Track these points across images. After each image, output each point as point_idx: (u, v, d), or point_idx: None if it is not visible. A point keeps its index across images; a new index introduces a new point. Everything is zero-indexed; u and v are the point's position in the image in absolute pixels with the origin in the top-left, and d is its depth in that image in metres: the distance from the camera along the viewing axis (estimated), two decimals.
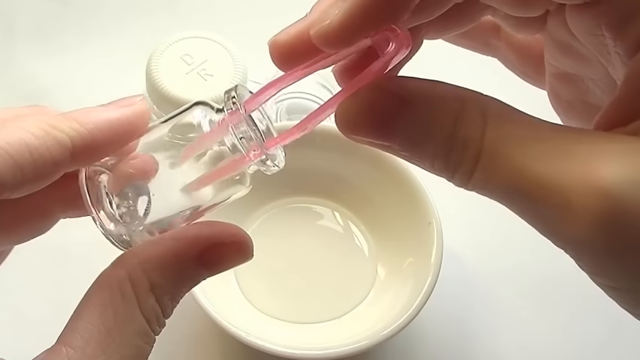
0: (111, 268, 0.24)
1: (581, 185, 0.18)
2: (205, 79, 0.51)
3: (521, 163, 0.19)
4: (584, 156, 0.19)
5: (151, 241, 0.25)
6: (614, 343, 0.49)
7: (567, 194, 0.18)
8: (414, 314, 0.42)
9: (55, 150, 0.23)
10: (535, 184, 0.19)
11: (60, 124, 0.23)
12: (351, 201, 0.50)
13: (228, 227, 0.25)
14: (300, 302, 0.47)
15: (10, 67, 0.57)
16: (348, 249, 0.49)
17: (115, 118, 0.24)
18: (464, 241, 0.50)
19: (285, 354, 0.40)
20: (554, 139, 0.19)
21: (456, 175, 0.21)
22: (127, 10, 0.61)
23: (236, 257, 0.25)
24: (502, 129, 0.20)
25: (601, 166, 0.18)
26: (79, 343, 0.22)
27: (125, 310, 0.23)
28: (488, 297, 0.50)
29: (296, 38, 0.23)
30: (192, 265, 0.24)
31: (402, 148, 0.22)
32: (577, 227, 0.18)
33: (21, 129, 0.23)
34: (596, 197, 0.18)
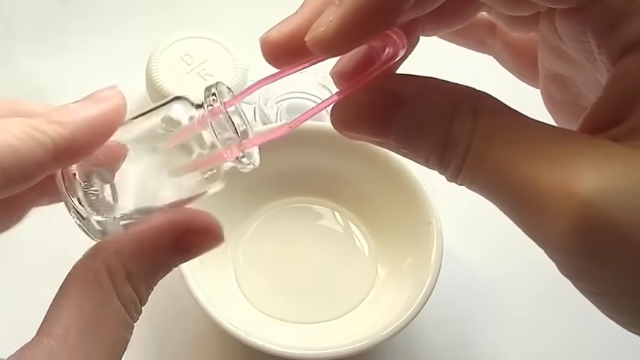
0: (85, 258, 0.24)
1: (558, 191, 0.19)
2: (205, 79, 0.51)
3: (505, 163, 0.20)
4: (565, 160, 0.19)
5: (125, 231, 0.25)
6: (614, 344, 0.49)
7: (546, 198, 0.19)
8: (414, 314, 0.42)
9: (39, 152, 0.23)
10: (517, 185, 0.20)
11: (41, 126, 0.23)
12: (351, 201, 0.50)
13: (197, 213, 0.25)
14: (300, 302, 0.47)
15: (9, 66, 0.57)
16: (348, 249, 0.49)
17: (95, 116, 0.24)
18: (464, 241, 0.50)
19: (285, 354, 0.40)
20: (539, 140, 0.20)
21: (447, 170, 0.22)
22: (127, 10, 0.61)
23: (208, 242, 0.25)
24: (490, 128, 0.21)
25: (579, 173, 0.18)
26: (59, 333, 0.22)
27: (103, 298, 0.23)
28: (488, 297, 0.50)
29: (288, 37, 0.24)
30: (166, 252, 0.25)
31: (397, 144, 0.22)
32: (554, 231, 0.19)
33: (4, 132, 0.22)
34: (572, 203, 0.18)
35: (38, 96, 0.55)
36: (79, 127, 0.24)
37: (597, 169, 0.18)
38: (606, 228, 0.18)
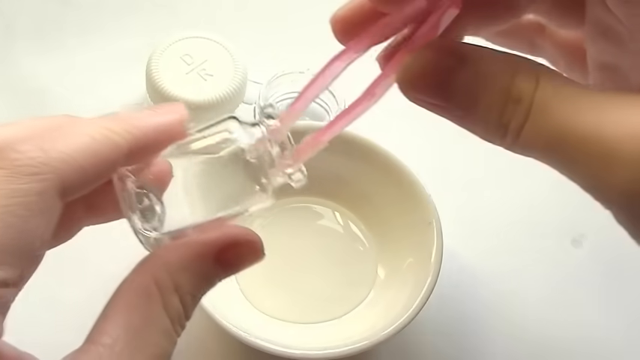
0: (135, 272, 0.25)
1: (625, 134, 0.19)
2: (205, 79, 0.51)
3: (571, 115, 0.20)
4: (629, 109, 0.20)
5: (173, 245, 0.26)
6: (615, 342, 0.49)
7: (613, 145, 0.19)
8: (414, 314, 0.42)
9: (114, 152, 0.24)
10: (583, 134, 0.20)
11: (116, 127, 0.24)
12: (351, 201, 0.50)
13: (239, 229, 0.26)
14: (300, 302, 0.47)
15: (10, 66, 0.57)
16: (348, 249, 0.49)
17: (162, 123, 0.26)
18: (464, 241, 0.50)
19: (285, 354, 0.40)
20: (601, 95, 0.21)
21: (507, 131, 0.22)
22: (127, 9, 0.61)
23: (250, 257, 0.26)
24: (553, 85, 0.21)
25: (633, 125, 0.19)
26: (108, 342, 0.23)
27: (151, 311, 0.24)
28: (488, 297, 0.50)
29: (354, 10, 0.25)
30: (211, 266, 0.26)
31: (458, 105, 0.23)
32: (623, 177, 0.19)
33: (82, 134, 0.24)
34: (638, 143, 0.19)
35: (38, 96, 0.55)
36: (149, 129, 0.25)
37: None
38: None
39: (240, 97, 0.53)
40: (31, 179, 0.22)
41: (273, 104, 0.27)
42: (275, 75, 0.53)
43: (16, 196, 0.22)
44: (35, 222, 0.22)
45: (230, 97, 0.51)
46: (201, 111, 0.50)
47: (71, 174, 0.23)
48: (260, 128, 0.26)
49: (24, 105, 0.55)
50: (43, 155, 0.22)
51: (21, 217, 0.22)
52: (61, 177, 0.23)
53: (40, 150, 0.23)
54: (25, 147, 0.23)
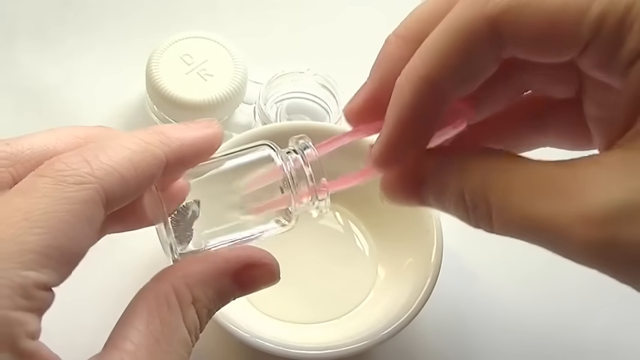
0: (154, 281, 0.26)
1: (575, 224, 0.21)
2: (205, 79, 0.51)
3: (527, 207, 0.23)
4: (574, 192, 0.21)
5: (194, 258, 0.27)
6: (615, 342, 0.49)
7: (567, 232, 0.21)
8: (414, 314, 0.42)
9: (153, 164, 0.25)
10: (540, 225, 0.22)
11: (152, 139, 0.25)
12: (351, 201, 0.50)
13: (260, 252, 0.28)
14: (300, 302, 0.47)
15: (10, 66, 0.57)
16: (348, 249, 0.49)
17: (198, 137, 0.27)
18: (464, 242, 0.50)
19: (285, 354, 0.40)
20: (546, 178, 0.23)
21: (480, 227, 0.25)
22: (127, 10, 0.61)
23: (266, 278, 0.28)
24: (504, 181, 0.24)
25: (589, 200, 0.21)
26: (131, 348, 0.24)
27: (171, 320, 0.25)
28: (488, 297, 0.50)
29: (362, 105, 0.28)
30: (228, 283, 0.27)
31: (435, 208, 0.27)
32: (581, 256, 0.21)
33: (123, 147, 0.25)
34: (590, 229, 0.21)
35: (39, 96, 0.55)
36: (185, 142, 0.26)
37: (605, 191, 0.21)
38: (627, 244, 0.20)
39: (240, 97, 0.53)
40: (77, 188, 0.23)
41: (305, 136, 0.29)
42: (275, 75, 0.53)
43: (62, 203, 0.23)
44: (80, 229, 0.23)
45: (230, 97, 0.51)
46: (202, 111, 0.51)
47: (114, 184, 0.24)
48: (295, 156, 0.28)
49: (24, 105, 0.55)
50: (87, 166, 0.23)
51: (67, 223, 0.23)
52: (104, 187, 0.24)
53: (84, 161, 0.24)
54: (69, 158, 0.24)
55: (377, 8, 0.63)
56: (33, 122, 0.54)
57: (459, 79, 0.24)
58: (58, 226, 0.22)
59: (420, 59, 0.24)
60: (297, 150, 0.28)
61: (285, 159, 0.28)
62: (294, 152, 0.28)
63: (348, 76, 0.57)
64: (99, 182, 0.23)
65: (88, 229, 0.23)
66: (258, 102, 0.52)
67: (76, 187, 0.23)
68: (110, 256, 0.43)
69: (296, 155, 0.28)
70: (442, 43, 0.23)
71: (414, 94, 0.24)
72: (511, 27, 0.22)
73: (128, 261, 0.37)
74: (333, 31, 0.62)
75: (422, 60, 0.24)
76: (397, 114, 0.25)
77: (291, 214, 0.28)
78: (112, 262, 0.41)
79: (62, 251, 0.23)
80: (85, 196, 0.23)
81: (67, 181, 0.23)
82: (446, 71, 0.23)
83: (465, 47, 0.23)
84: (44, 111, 0.55)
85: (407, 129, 0.25)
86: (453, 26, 0.23)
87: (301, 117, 0.54)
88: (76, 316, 0.46)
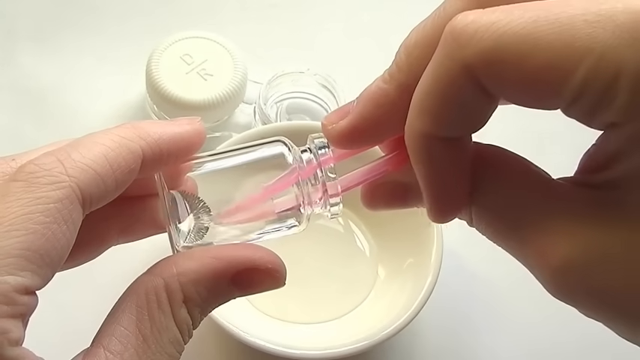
0: (149, 274, 0.25)
1: (537, 257, 0.23)
2: (205, 79, 0.51)
3: (497, 228, 0.25)
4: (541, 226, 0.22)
5: (191, 254, 0.26)
6: (615, 342, 0.48)
7: (530, 261, 0.23)
8: (414, 314, 0.42)
9: (130, 159, 0.24)
10: (510, 244, 0.25)
11: (128, 133, 0.25)
12: (352, 201, 0.50)
13: (266, 253, 0.27)
14: (300, 302, 0.47)
15: (10, 66, 0.57)
16: (348, 249, 0.49)
17: (177, 132, 0.26)
18: (464, 241, 0.50)
19: (285, 354, 0.40)
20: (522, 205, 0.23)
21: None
22: (126, 9, 0.61)
23: (269, 283, 0.27)
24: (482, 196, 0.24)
25: (552, 243, 0.22)
26: (118, 348, 0.23)
27: (161, 318, 0.24)
28: (488, 297, 0.50)
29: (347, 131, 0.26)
30: (226, 285, 0.26)
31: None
32: (543, 282, 0.23)
33: (97, 144, 0.24)
34: (548, 268, 0.23)
35: (38, 96, 0.55)
36: (163, 137, 0.26)
37: (567, 238, 0.22)
38: (577, 290, 0.22)
39: (240, 97, 0.53)
40: (51, 188, 0.23)
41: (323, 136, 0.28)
42: (275, 75, 0.53)
43: (36, 204, 0.22)
44: (57, 229, 0.23)
45: (230, 97, 0.51)
46: (201, 111, 0.51)
47: (89, 182, 0.23)
48: (310, 155, 0.27)
49: (24, 105, 0.55)
50: (60, 166, 0.23)
51: (42, 224, 0.22)
52: (79, 185, 0.23)
53: (57, 161, 0.23)
54: (42, 159, 0.23)
55: (377, 8, 0.63)
56: (33, 122, 0.54)
57: (463, 128, 0.23)
58: (33, 228, 0.22)
59: (417, 118, 0.23)
60: (313, 150, 0.27)
61: (299, 159, 0.27)
62: (308, 151, 0.27)
63: (348, 76, 0.57)
64: (73, 181, 0.23)
65: (66, 229, 0.23)
66: (258, 102, 0.52)
67: (50, 187, 0.23)
68: (109, 256, 0.43)
69: (309, 155, 0.27)
70: (430, 99, 0.22)
71: (430, 154, 0.23)
72: (491, 81, 0.21)
73: (127, 261, 0.37)
74: (333, 31, 0.62)
75: (419, 119, 0.23)
76: (426, 177, 0.24)
77: (302, 215, 0.28)
78: (110, 262, 0.41)
79: (41, 253, 0.22)
80: (60, 195, 0.23)
81: (40, 182, 0.23)
82: (447, 125, 0.22)
83: (454, 101, 0.22)
84: (44, 111, 0.55)
85: (442, 190, 0.24)
86: (435, 79, 0.22)
87: (301, 117, 0.54)
88: (74, 315, 0.46)
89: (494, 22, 0.20)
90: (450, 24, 0.21)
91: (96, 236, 0.28)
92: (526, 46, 0.20)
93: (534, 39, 0.20)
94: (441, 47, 0.21)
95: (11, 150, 0.27)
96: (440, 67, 0.21)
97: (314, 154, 0.27)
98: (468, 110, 0.22)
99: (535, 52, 0.20)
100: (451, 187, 0.24)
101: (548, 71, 0.20)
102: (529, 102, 0.21)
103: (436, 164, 0.23)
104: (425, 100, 0.22)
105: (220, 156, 0.28)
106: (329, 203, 0.27)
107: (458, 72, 0.21)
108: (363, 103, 0.25)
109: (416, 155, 0.23)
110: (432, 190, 0.24)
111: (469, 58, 0.21)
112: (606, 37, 0.19)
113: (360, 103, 0.25)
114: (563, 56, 0.19)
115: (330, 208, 0.27)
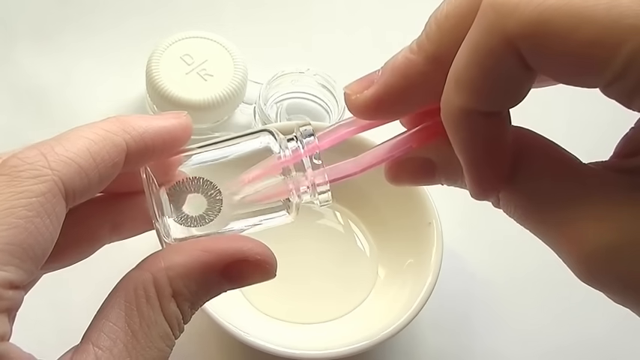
0: (137, 269, 0.25)
1: (566, 243, 0.22)
2: (205, 79, 0.51)
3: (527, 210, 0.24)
4: (572, 213, 0.22)
5: (180, 248, 0.26)
6: (615, 341, 0.49)
7: (559, 246, 0.23)
8: (414, 314, 0.42)
9: (113, 152, 0.24)
10: (537, 228, 0.23)
11: (112, 127, 0.25)
12: (352, 200, 0.50)
13: (255, 245, 0.26)
14: (300, 302, 0.47)
15: (9, 66, 0.57)
16: (348, 249, 0.49)
17: (163, 126, 0.26)
18: (464, 241, 0.50)
19: (285, 354, 0.40)
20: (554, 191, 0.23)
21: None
22: (126, 9, 0.61)
23: (259, 275, 0.27)
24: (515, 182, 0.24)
25: (582, 230, 0.22)
26: (107, 344, 0.23)
27: (150, 313, 0.24)
28: (488, 297, 0.50)
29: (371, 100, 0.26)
30: (216, 278, 0.25)
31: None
32: (571, 266, 0.22)
33: (81, 137, 0.24)
34: (578, 255, 0.22)
35: (38, 96, 0.55)
36: (148, 130, 0.25)
37: (600, 224, 0.21)
38: (607, 275, 0.21)
39: (240, 97, 0.53)
40: (33, 181, 0.23)
41: (309, 124, 0.28)
42: (275, 75, 0.53)
43: (18, 198, 0.22)
44: (40, 222, 0.22)
45: (230, 97, 0.51)
46: (201, 111, 0.51)
47: (72, 175, 0.23)
48: (296, 144, 0.27)
49: (24, 106, 0.55)
50: (42, 159, 0.23)
51: (24, 218, 0.22)
52: (62, 179, 0.23)
53: (40, 154, 0.23)
54: (24, 153, 0.23)
55: (377, 8, 0.63)
56: (33, 122, 0.54)
57: (503, 101, 0.22)
58: (16, 222, 0.22)
59: (455, 92, 0.22)
60: (298, 137, 0.27)
61: (285, 147, 0.27)
62: (295, 139, 0.27)
63: (348, 76, 0.57)
64: (56, 174, 0.23)
65: (49, 223, 0.23)
66: (258, 102, 0.52)
67: (32, 180, 0.22)
68: (106, 255, 0.43)
69: (295, 144, 0.27)
70: (469, 72, 0.22)
71: (470, 130, 0.23)
72: (533, 55, 0.20)
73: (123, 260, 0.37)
74: (334, 31, 0.62)
75: (457, 93, 0.22)
76: (467, 153, 0.23)
77: (291, 204, 0.27)
78: (107, 261, 0.41)
79: (24, 247, 0.22)
80: (42, 188, 0.22)
81: (23, 176, 0.23)
82: (488, 99, 0.22)
83: (494, 74, 0.21)
84: (44, 111, 0.55)
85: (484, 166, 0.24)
86: (475, 52, 0.21)
87: (301, 117, 0.54)
88: (71, 314, 0.46)
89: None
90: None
91: (87, 234, 0.28)
92: (571, 20, 0.19)
93: (580, 13, 0.19)
94: (481, 19, 0.21)
95: (11, 149, 0.27)
96: (480, 39, 0.21)
97: (299, 142, 0.27)
98: (508, 84, 0.22)
99: (580, 26, 0.19)
100: (493, 163, 0.23)
101: (592, 47, 0.20)
102: (569, 78, 0.21)
103: (478, 139, 0.23)
104: (464, 73, 0.22)
105: (208, 148, 0.27)
106: (317, 191, 0.27)
107: (498, 44, 0.21)
108: (390, 73, 0.24)
109: (455, 131, 0.23)
110: (474, 166, 0.24)
111: (511, 30, 0.20)
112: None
113: (385, 73, 0.25)
114: (609, 33, 0.19)
115: (318, 196, 0.27)
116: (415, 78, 0.24)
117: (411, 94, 0.24)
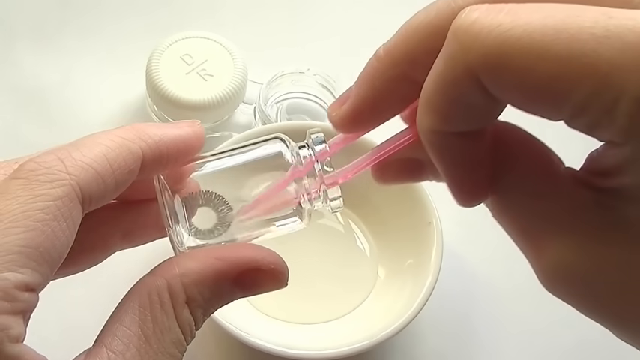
0: (151, 275, 0.25)
1: (532, 254, 0.24)
2: (205, 79, 0.51)
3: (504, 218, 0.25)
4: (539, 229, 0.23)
5: (194, 255, 0.26)
6: (615, 341, 0.48)
7: (527, 254, 0.24)
8: (414, 314, 0.42)
9: (130, 159, 0.25)
10: (513, 233, 0.25)
11: (129, 135, 0.25)
12: (352, 200, 0.50)
13: (268, 254, 0.27)
14: (300, 302, 0.47)
15: (10, 66, 0.57)
16: (348, 249, 0.49)
17: (178, 134, 0.26)
18: (464, 241, 0.50)
19: (285, 354, 0.40)
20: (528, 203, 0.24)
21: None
22: (126, 9, 0.61)
23: (271, 283, 0.27)
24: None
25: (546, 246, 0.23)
26: (120, 348, 0.23)
27: (163, 319, 0.24)
28: (488, 297, 0.50)
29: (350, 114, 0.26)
30: (228, 285, 0.26)
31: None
32: (538, 278, 0.24)
33: (97, 144, 0.24)
34: (541, 265, 0.23)
35: (38, 96, 0.55)
36: (164, 139, 0.26)
37: (563, 240, 0.22)
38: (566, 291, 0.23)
39: (240, 97, 0.53)
40: (51, 185, 0.23)
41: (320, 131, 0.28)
42: (275, 75, 0.53)
43: (36, 201, 0.22)
44: (57, 226, 0.23)
45: (230, 97, 0.51)
46: (201, 111, 0.51)
47: (89, 181, 0.23)
48: (308, 151, 0.27)
49: (24, 105, 0.55)
50: (60, 164, 0.23)
51: (42, 221, 0.22)
52: (80, 184, 0.23)
53: (58, 159, 0.23)
54: (42, 158, 0.23)
55: (377, 8, 0.63)
56: (33, 122, 0.54)
57: (470, 125, 0.22)
58: (33, 225, 0.22)
59: (424, 115, 0.23)
60: (310, 145, 0.27)
61: (296, 154, 0.27)
62: (306, 146, 0.27)
63: (348, 76, 0.57)
64: (73, 179, 0.23)
65: (65, 227, 0.23)
66: (258, 102, 0.52)
67: (50, 184, 0.23)
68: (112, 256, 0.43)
69: (307, 151, 0.27)
70: (435, 97, 0.22)
71: (442, 148, 0.23)
72: (493, 87, 0.20)
73: (129, 261, 0.37)
74: (333, 31, 0.62)
75: (427, 116, 0.22)
76: (443, 168, 0.24)
77: (303, 211, 0.28)
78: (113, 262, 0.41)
79: (40, 250, 0.22)
80: (60, 192, 0.23)
81: (40, 180, 0.23)
82: (454, 123, 0.22)
83: (458, 101, 0.21)
84: (44, 111, 0.55)
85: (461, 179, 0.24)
86: (440, 79, 0.21)
87: (301, 117, 0.54)
88: (77, 315, 0.46)
89: (499, 23, 0.20)
90: (454, 22, 0.21)
91: (100, 240, 0.28)
92: (530, 56, 0.19)
93: (539, 48, 0.19)
94: (446, 47, 0.21)
95: (11, 150, 0.27)
96: (444, 69, 0.21)
97: (311, 150, 0.27)
98: (473, 111, 0.22)
99: (539, 62, 0.19)
100: (469, 177, 0.24)
101: (550, 85, 0.19)
102: (531, 110, 0.21)
103: (450, 157, 0.23)
104: (431, 98, 0.22)
105: (220, 156, 0.28)
106: (329, 198, 0.27)
107: (461, 74, 0.21)
108: (360, 85, 0.25)
109: (429, 149, 0.23)
110: (451, 179, 0.24)
111: (471, 61, 0.20)
112: (613, 56, 0.18)
113: (357, 85, 0.25)
114: (567, 71, 0.19)
115: (330, 202, 0.27)
116: (384, 86, 0.24)
117: (383, 102, 0.25)
